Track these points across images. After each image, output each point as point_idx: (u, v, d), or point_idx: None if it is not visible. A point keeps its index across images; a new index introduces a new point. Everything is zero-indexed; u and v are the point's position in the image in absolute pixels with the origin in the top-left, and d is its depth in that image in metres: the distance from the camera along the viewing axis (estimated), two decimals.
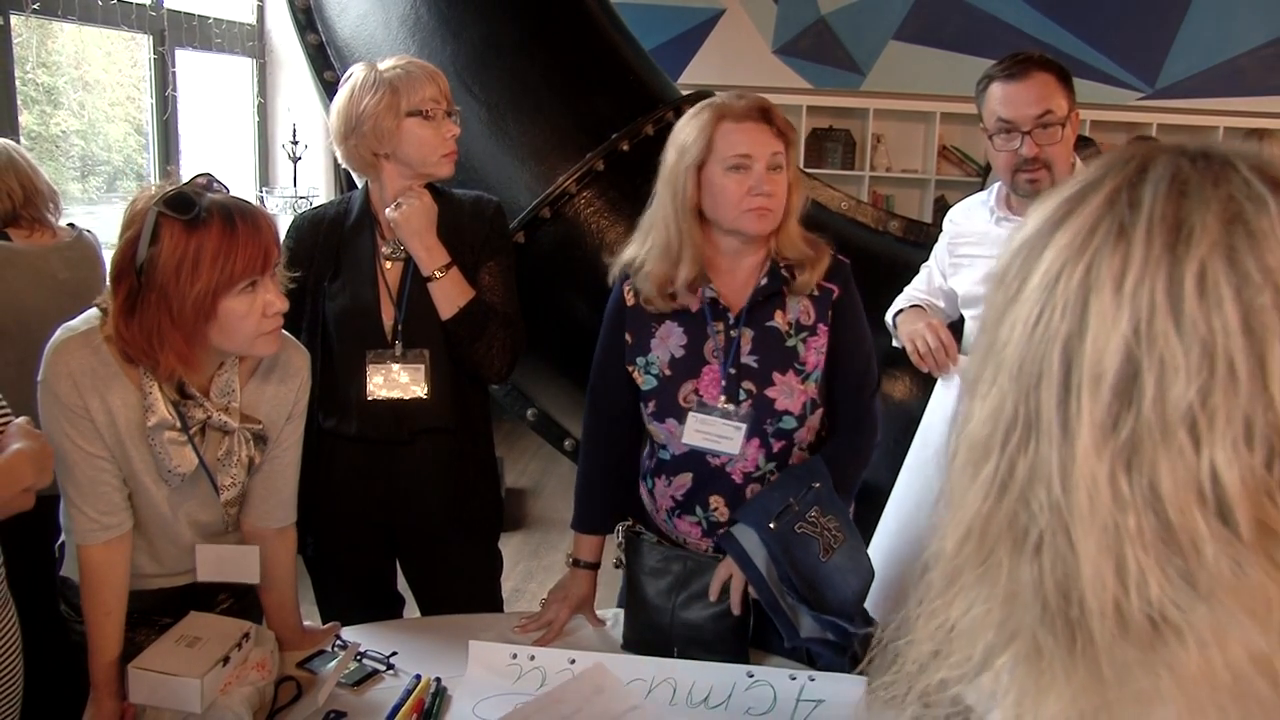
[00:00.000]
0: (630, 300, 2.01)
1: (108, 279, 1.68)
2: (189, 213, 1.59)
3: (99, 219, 4.16)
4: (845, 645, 1.85)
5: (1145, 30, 6.28)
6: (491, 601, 2.38)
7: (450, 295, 2.16)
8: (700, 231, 1.92)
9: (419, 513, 2.25)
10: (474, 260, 2.22)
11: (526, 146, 2.93)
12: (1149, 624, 0.65)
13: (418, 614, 2.34)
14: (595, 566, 2.11)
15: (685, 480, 2.00)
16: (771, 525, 1.85)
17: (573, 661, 1.89)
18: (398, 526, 2.28)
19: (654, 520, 2.08)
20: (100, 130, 4.58)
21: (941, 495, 0.77)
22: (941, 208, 6.71)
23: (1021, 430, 0.69)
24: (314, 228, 2.25)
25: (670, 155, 1.92)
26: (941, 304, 2.51)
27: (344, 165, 2.25)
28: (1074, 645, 0.67)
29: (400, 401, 2.18)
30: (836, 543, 1.89)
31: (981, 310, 0.75)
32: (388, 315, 2.19)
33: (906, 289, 2.58)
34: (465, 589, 2.31)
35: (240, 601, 1.97)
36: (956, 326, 2.44)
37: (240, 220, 1.62)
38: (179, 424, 1.71)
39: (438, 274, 2.15)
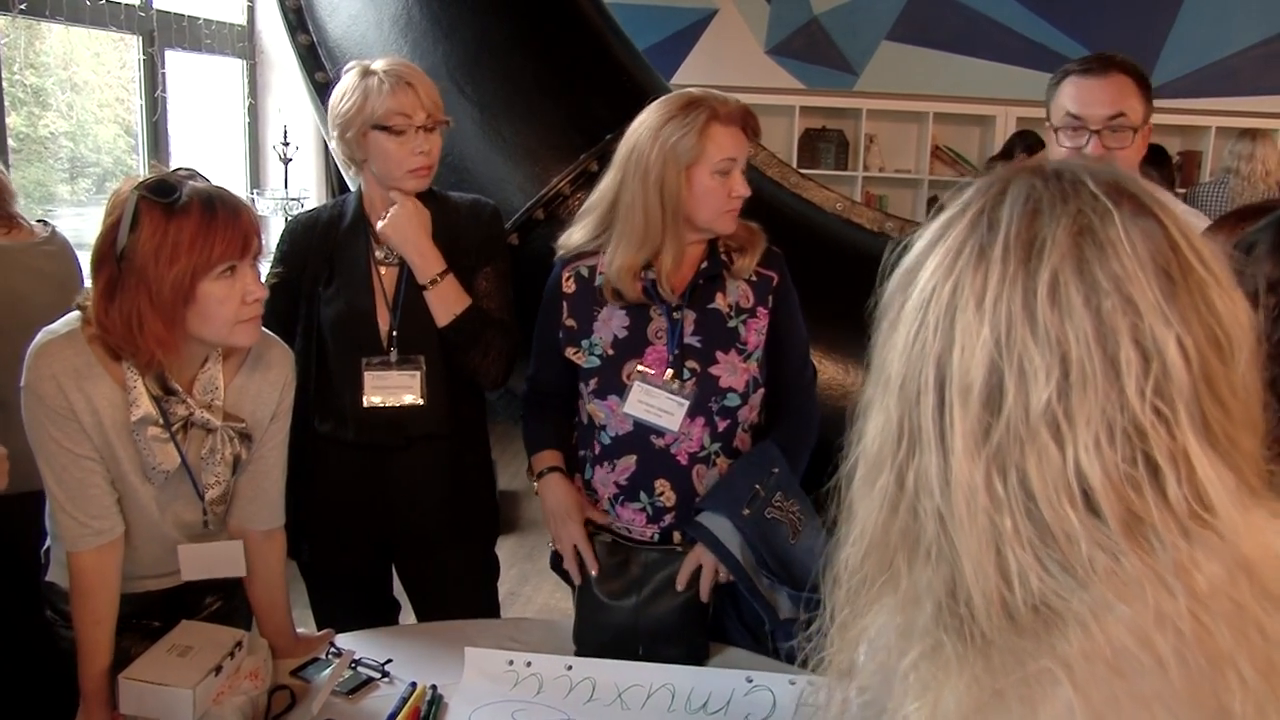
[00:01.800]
0: (570, 286, 2.04)
1: (89, 268, 1.67)
2: (169, 197, 1.59)
3: (88, 220, 4.13)
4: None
5: (1138, 30, 6.28)
6: (488, 606, 2.36)
7: (446, 302, 2.13)
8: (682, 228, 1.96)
9: (415, 518, 2.23)
10: (470, 265, 2.19)
11: (520, 147, 2.91)
12: (1034, 613, 0.70)
13: (413, 620, 2.32)
14: (561, 469, 2.09)
15: (629, 464, 2.02)
16: (745, 512, 1.89)
17: (569, 668, 1.87)
18: (394, 532, 2.25)
19: (593, 514, 2.07)
20: (89, 132, 4.54)
21: (843, 511, 0.83)
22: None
23: (907, 444, 0.75)
24: (308, 231, 2.22)
25: (651, 151, 1.92)
26: None
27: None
28: (966, 640, 0.72)
29: (396, 408, 2.15)
30: (801, 524, 1.94)
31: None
32: (383, 321, 2.16)
33: None
34: (461, 594, 2.29)
35: (229, 603, 1.95)
36: None
37: (220, 206, 1.62)
38: (161, 420, 1.69)
39: (434, 281, 2.12)
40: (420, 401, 2.15)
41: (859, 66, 6.47)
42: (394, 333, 2.15)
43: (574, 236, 2.06)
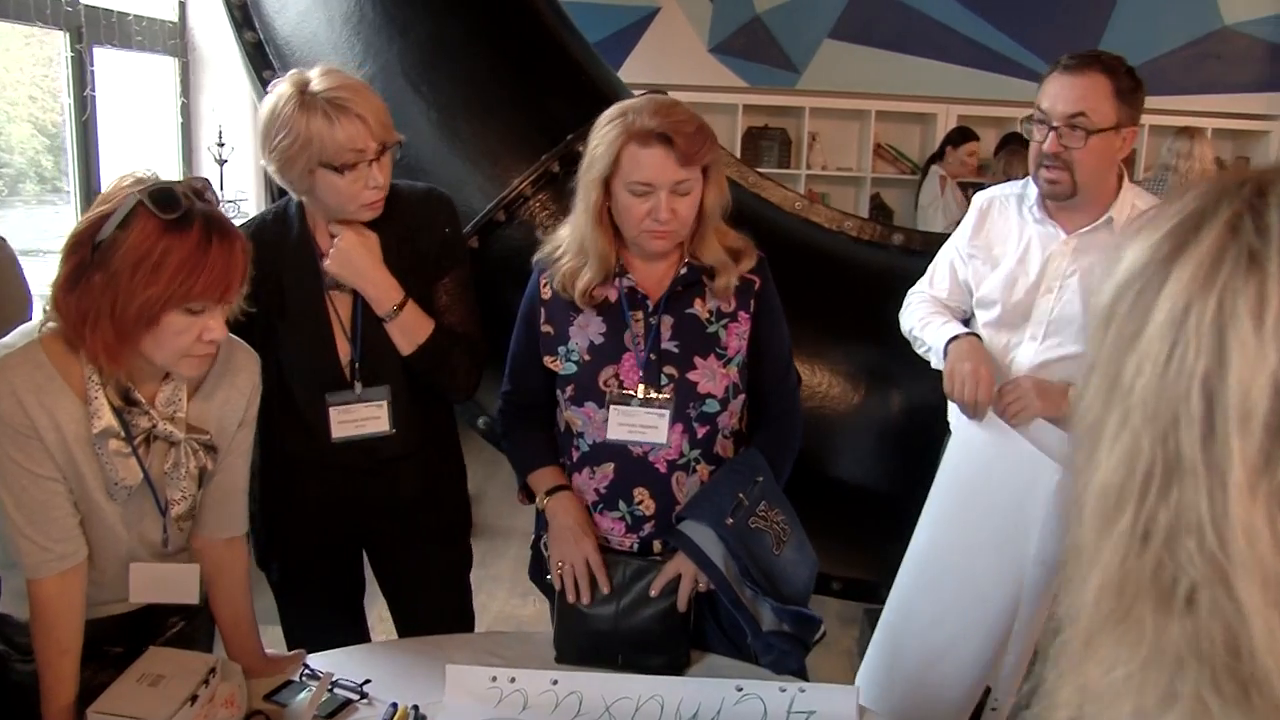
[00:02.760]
0: (547, 293, 1.99)
1: (62, 251, 1.58)
2: (171, 213, 1.51)
3: (2, 223, 3.97)
4: (801, 636, 1.86)
5: (1073, 30, 6.40)
6: (463, 601, 2.36)
7: (408, 332, 2.03)
8: (608, 238, 1.91)
9: (392, 529, 2.19)
10: (429, 276, 2.09)
11: (479, 148, 2.85)
12: None
13: (387, 622, 2.27)
14: (569, 487, 2.01)
15: (608, 471, 1.97)
16: (729, 521, 1.84)
17: (555, 682, 1.82)
18: (368, 540, 2.22)
19: None
20: (1, 131, 4.36)
21: (1069, 551, 0.71)
22: (877, 205, 6.78)
23: (1161, 476, 0.64)
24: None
25: (586, 157, 1.89)
26: (965, 307, 2.40)
27: None
28: (1249, 703, 0.62)
29: (366, 438, 2.08)
30: (785, 535, 1.92)
31: (1085, 351, 0.72)
32: (343, 353, 2.06)
33: (924, 290, 2.42)
34: (438, 591, 2.28)
35: (191, 624, 1.87)
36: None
37: (217, 240, 1.54)
38: (123, 432, 1.62)
39: (393, 313, 2.02)
40: (390, 430, 2.07)
41: (801, 65, 6.49)
42: (355, 364, 2.05)
43: (567, 252, 1.97)
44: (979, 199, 2.38)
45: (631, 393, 1.92)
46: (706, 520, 1.86)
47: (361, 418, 2.05)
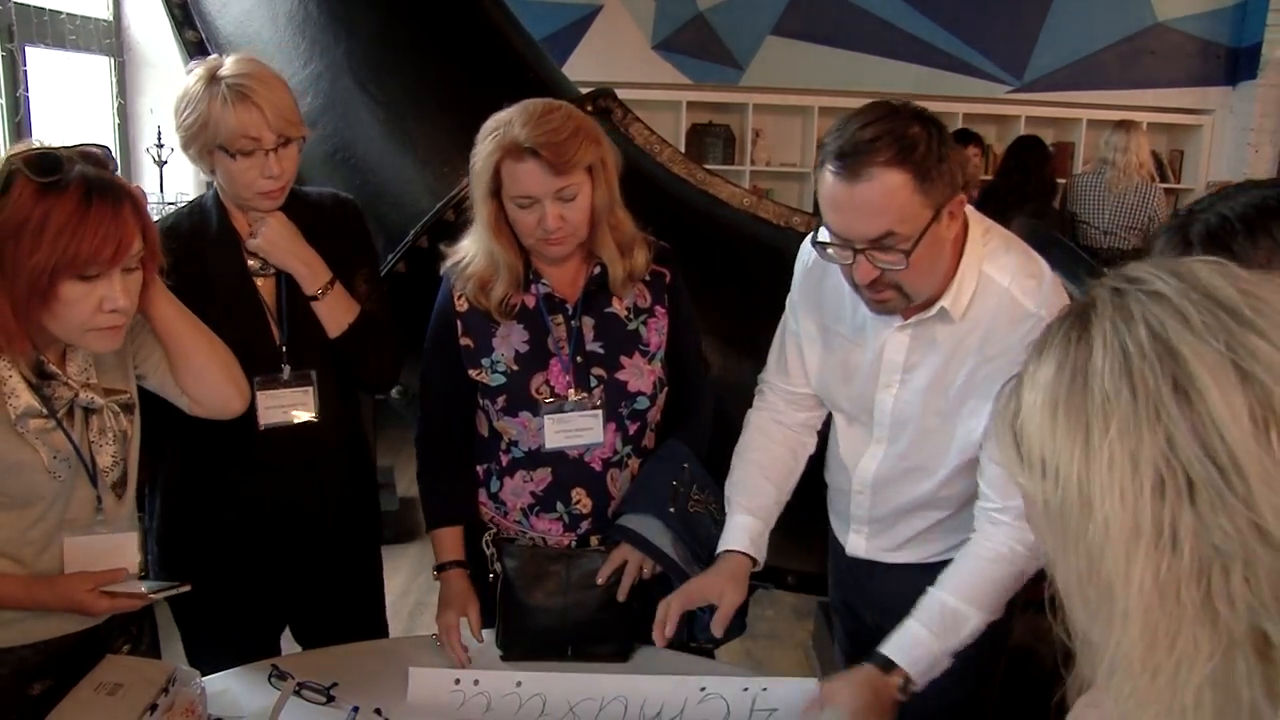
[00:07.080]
0: (463, 305, 1.95)
1: None
2: (48, 177, 1.46)
3: None
4: (742, 608, 1.88)
5: (1013, 26, 6.54)
6: (378, 614, 2.32)
7: (336, 313, 2.03)
8: (512, 248, 1.90)
9: (315, 533, 2.12)
10: (348, 270, 2.08)
11: (428, 147, 2.83)
12: None
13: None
14: (463, 564, 1.99)
15: (545, 476, 1.98)
16: (671, 509, 1.89)
17: (519, 684, 1.82)
18: (291, 549, 2.12)
19: (502, 526, 2.03)
20: None
21: None
22: None
23: None
24: (168, 243, 1.85)
25: (471, 174, 1.88)
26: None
27: None
28: None
29: (292, 427, 2.03)
30: (718, 514, 1.94)
31: None
32: (273, 337, 2.03)
33: (769, 380, 2.02)
34: (354, 604, 2.24)
35: (137, 647, 1.82)
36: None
37: (98, 199, 1.48)
38: (45, 409, 1.57)
39: (324, 291, 2.01)
40: (314, 418, 2.04)
41: (745, 61, 6.53)
42: (283, 348, 2.03)
43: (474, 261, 1.94)
44: (804, 252, 1.89)
45: (563, 397, 1.92)
46: (649, 511, 1.90)
47: (289, 403, 2.02)
